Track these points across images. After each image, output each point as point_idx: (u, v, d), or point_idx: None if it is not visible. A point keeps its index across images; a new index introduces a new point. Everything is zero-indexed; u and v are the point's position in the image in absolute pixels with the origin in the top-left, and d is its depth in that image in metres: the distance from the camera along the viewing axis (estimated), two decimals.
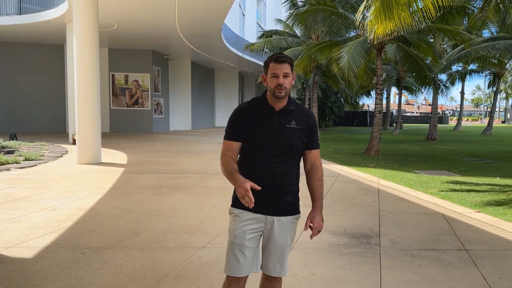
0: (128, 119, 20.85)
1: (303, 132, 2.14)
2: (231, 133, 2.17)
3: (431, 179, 8.36)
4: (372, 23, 7.84)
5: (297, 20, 14.87)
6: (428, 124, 22.06)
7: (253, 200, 1.92)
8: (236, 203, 2.13)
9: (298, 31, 20.43)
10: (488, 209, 5.81)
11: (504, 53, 13.30)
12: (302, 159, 2.24)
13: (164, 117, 22.65)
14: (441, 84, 28.51)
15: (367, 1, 8.33)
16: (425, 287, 3.17)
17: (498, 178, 8.72)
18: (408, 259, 3.75)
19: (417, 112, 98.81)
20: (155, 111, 21.49)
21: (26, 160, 9.80)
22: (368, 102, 73.90)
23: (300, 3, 17.93)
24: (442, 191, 7.14)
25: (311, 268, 3.47)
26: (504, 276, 3.42)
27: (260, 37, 21.65)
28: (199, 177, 7.94)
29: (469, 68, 29.98)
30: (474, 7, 11.68)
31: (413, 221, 5.14)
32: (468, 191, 7.21)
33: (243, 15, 30.72)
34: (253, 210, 2.07)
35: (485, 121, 47.10)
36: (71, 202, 5.74)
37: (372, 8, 7.69)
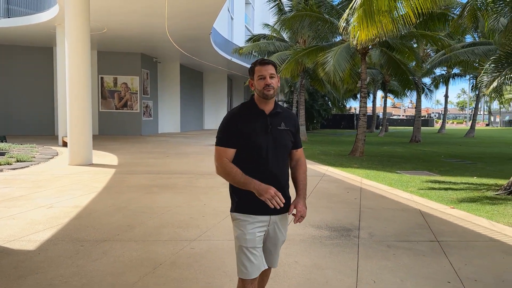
0: (117, 121, 20.99)
1: (291, 133, 2.27)
2: (225, 140, 2.20)
3: (411, 179, 8.75)
4: (355, 30, 8.21)
5: (284, 25, 15.23)
6: (412, 127, 22.61)
7: (283, 200, 2.11)
8: (240, 208, 2.21)
9: (285, 36, 20.83)
10: (462, 206, 6.20)
11: (483, 58, 13.85)
12: (289, 157, 2.36)
13: (153, 120, 22.82)
14: (425, 88, 29.26)
15: (350, 9, 8.70)
16: (398, 273, 3.50)
17: (475, 177, 9.15)
18: (384, 249, 4.09)
19: (403, 115, 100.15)
20: (144, 113, 21.66)
21: (17, 161, 9.94)
22: (355, 105, 74.68)
23: (287, 9, 18.32)
24: (421, 189, 7.53)
25: (295, 257, 3.78)
26: (469, 263, 3.78)
27: (248, 40, 22.02)
28: (188, 178, 8.20)
29: (452, 72, 30.77)
30: (454, 14, 12.18)
31: (391, 216, 5.49)
32: (446, 189, 7.61)
33: (232, 18, 31.05)
34: (259, 213, 2.18)
35: (470, 124, 48.14)
36: (66, 200, 5.97)
37: (355, 15, 8.06)
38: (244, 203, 2.20)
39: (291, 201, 2.29)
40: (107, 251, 3.84)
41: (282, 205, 2.09)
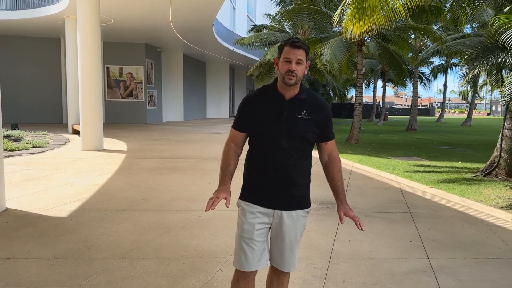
0: (122, 110, 21.66)
1: (315, 123, 2.02)
2: (237, 123, 2.11)
3: (400, 163, 9.44)
4: (348, 25, 8.82)
5: (284, 17, 15.78)
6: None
7: (209, 207, 1.94)
8: (244, 195, 2.09)
9: (287, 26, 21.35)
10: (440, 185, 6.89)
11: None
12: (318, 151, 2.15)
13: (157, 109, 23.49)
14: (424, 77, 29.75)
15: (343, 5, 9.29)
16: (370, 235, 4.21)
17: (459, 162, 9.82)
18: (362, 218, 4.79)
19: (405, 104, 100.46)
20: (148, 102, 22.33)
21: (34, 147, 10.66)
22: (354, 94, 75.02)
23: (287, 0, 18.84)
24: (407, 172, 8.22)
25: None
26: (432, 228, 4.48)
27: (250, 31, 22.52)
28: (194, 161, 8.91)
29: (451, 62, 31.20)
30: (447, 7, 12.72)
31: (374, 193, 6.20)
32: (429, 172, 8.30)
33: (234, 8, 31.46)
34: (261, 204, 2.04)
35: (476, 113, 48.61)
36: (85, 179, 6.69)
37: (348, 12, 8.66)
38: (248, 190, 2.08)
39: (340, 209, 2.16)
40: (127, 218, 4.56)
41: (208, 209, 1.95)
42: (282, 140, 1.98)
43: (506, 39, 4.85)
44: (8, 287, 2.87)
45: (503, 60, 5.66)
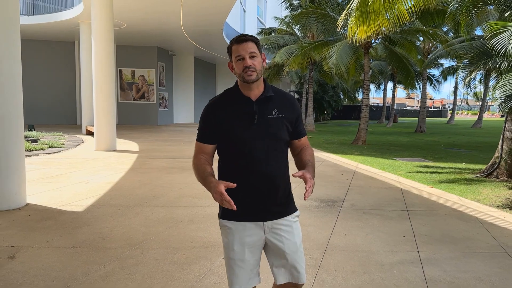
0: (134, 112, 22.15)
1: (287, 121, 1.88)
2: (202, 135, 1.93)
3: (404, 164, 9.63)
4: (353, 30, 9.07)
5: (292, 21, 16.06)
6: (427, 118, 23.27)
7: (232, 202, 1.67)
8: (225, 214, 1.88)
9: (296, 29, 21.64)
10: (441, 185, 7.09)
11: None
12: (290, 149, 2.01)
13: (168, 110, 23.94)
14: (433, 79, 29.73)
15: (347, 10, 9.54)
16: (365, 229, 4.47)
17: (463, 163, 9.98)
18: (360, 215, 5.05)
19: (416, 106, 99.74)
20: (160, 104, 22.78)
21: (50, 147, 11.11)
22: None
23: (296, 3, 19.11)
24: (409, 172, 8.43)
25: None
26: (426, 225, 4.72)
27: (259, 34, 22.83)
28: None
29: (462, 64, 31.10)
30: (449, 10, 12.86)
31: (374, 192, 6.44)
32: (432, 173, 8.49)
33: (244, 11, 31.82)
34: (248, 219, 1.85)
35: (485, 115, 48.23)
36: (99, 178, 7.06)
37: (352, 17, 8.91)
38: None
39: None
40: (139, 213, 4.89)
41: (234, 207, 1.67)
42: (258, 145, 1.81)
43: (495, 44, 5.06)
44: (33, 270, 3.21)
45: (499, 64, 5.86)
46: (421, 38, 18.48)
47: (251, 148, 1.82)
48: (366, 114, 13.89)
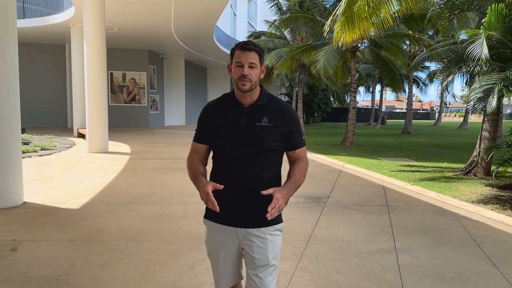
0: (125, 114, 22.27)
1: (277, 130, 1.85)
2: (197, 135, 1.99)
3: (388, 164, 9.99)
4: (339, 35, 9.40)
5: (281, 24, 16.41)
6: (414, 120, 23.78)
7: (215, 203, 1.72)
8: (207, 214, 1.96)
9: (286, 33, 22.01)
10: (421, 183, 7.44)
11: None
12: (288, 159, 2.00)
13: (159, 113, 24.11)
14: (420, 82, 30.32)
15: (333, 16, 9.88)
16: (347, 223, 4.77)
17: (445, 163, 10.37)
18: (342, 210, 5.35)
19: (405, 108, 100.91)
20: (151, 107, 22.94)
21: (42, 149, 11.26)
22: (357, 99, 75.72)
23: (285, 8, 19.48)
24: (393, 171, 8.77)
25: None
26: (404, 218, 5.03)
27: (249, 37, 23.14)
28: None
29: (439, 68, 31.79)
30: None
31: (358, 190, 6.75)
32: (414, 171, 8.85)
33: (235, 14, 32.14)
34: (223, 222, 1.89)
35: (472, 117, 49.28)
36: (93, 178, 7.27)
37: (338, 22, 9.24)
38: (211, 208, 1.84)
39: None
40: (133, 209, 5.14)
41: (217, 208, 1.73)
42: (242, 150, 1.83)
43: (470, 51, 5.41)
44: (35, 260, 3.44)
45: (472, 68, 6.23)
46: (408, 42, 18.95)
47: (234, 153, 1.84)
48: (353, 116, 14.25)
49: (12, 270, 3.24)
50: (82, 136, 15.39)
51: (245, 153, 1.84)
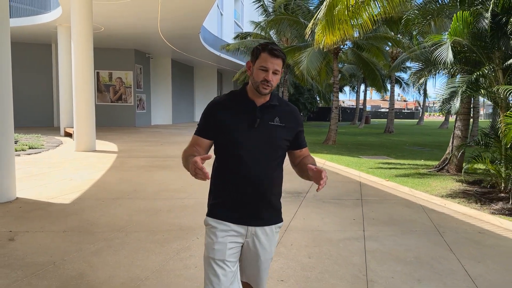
0: (112, 114, 22.35)
1: (287, 130, 1.91)
2: (202, 129, 1.94)
3: (368, 161, 10.42)
4: (320, 37, 9.78)
5: (267, 26, 16.77)
6: (399, 119, 24.34)
7: (204, 169, 1.61)
8: (213, 212, 1.91)
9: (272, 34, 22.37)
10: (396, 179, 7.86)
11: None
12: (290, 158, 2.04)
13: (146, 112, 24.24)
14: (402, 82, 31.01)
15: (314, 19, 10.26)
16: (322, 215, 5.13)
17: (422, 160, 10.85)
18: (320, 204, 5.72)
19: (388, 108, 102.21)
20: (137, 106, 23.07)
21: (30, 148, 11.41)
22: (342, 98, 76.57)
23: (270, 10, 19.83)
24: (371, 168, 9.19)
25: None
26: (375, 210, 5.42)
27: (235, 38, 23.44)
28: (180, 161, 9.69)
29: (411, 71, 32.60)
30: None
31: (335, 185, 7.14)
32: (391, 168, 9.28)
33: (221, 14, 32.38)
34: (234, 221, 1.87)
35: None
36: (82, 175, 7.51)
37: (319, 26, 9.61)
38: (218, 206, 1.91)
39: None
40: (121, 204, 5.42)
41: (207, 176, 1.64)
42: (255, 149, 1.84)
43: (436, 56, 5.83)
44: (32, 249, 3.72)
45: (438, 71, 6.68)
46: (390, 43, 19.49)
47: (247, 151, 1.84)
48: (336, 116, 14.69)
49: (11, 257, 3.52)
50: (69, 135, 15.50)
51: (256, 152, 1.85)
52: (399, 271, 3.44)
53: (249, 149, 1.84)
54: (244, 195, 1.86)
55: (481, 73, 5.66)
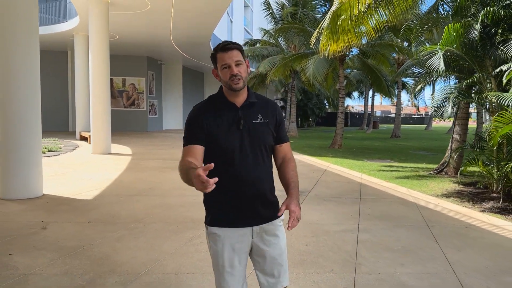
0: (125, 118, 23.05)
1: (271, 125, 1.93)
2: (191, 137, 1.88)
3: (371, 164, 10.82)
4: (324, 46, 10.26)
5: (275, 34, 17.31)
6: (408, 125, 24.58)
7: (210, 182, 1.46)
8: (213, 221, 1.92)
9: (280, 40, 22.95)
10: (396, 181, 8.27)
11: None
12: (272, 154, 2.02)
13: (157, 117, 24.92)
14: (410, 88, 31.22)
15: (319, 29, 10.75)
16: (322, 211, 5.58)
17: (424, 164, 11.21)
18: (320, 201, 6.17)
19: (400, 113, 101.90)
20: (149, 111, 23.75)
21: (49, 151, 12.04)
22: (351, 103, 76.78)
23: (278, 17, 20.40)
24: (373, 171, 9.60)
25: None
26: (372, 207, 5.85)
27: (244, 45, 24.04)
28: None
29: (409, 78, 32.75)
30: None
31: (337, 186, 7.58)
32: (392, 171, 9.68)
33: (231, 21, 33.06)
34: (237, 225, 1.88)
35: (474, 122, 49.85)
36: (100, 175, 8.06)
37: (324, 35, 10.09)
38: (220, 214, 1.90)
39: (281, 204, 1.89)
40: (138, 200, 5.94)
41: (211, 183, 1.46)
42: (244, 149, 1.86)
43: (430, 64, 6.27)
44: (62, 235, 4.24)
45: (434, 79, 7.09)
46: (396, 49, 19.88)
47: (237, 153, 1.84)
48: (341, 120, 15.12)
49: (45, 242, 4.04)
50: (84, 139, 16.15)
51: (247, 152, 1.86)
52: (385, 257, 3.88)
53: (238, 151, 1.85)
54: (239, 197, 1.87)
55: (470, 80, 6.07)
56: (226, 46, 1.83)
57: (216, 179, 1.48)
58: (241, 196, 1.87)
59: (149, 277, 3.26)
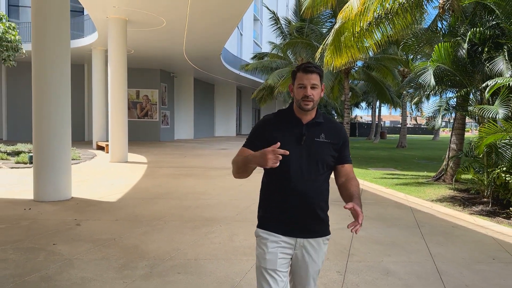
0: (138, 129, 23.89)
1: (332, 147, 2.01)
2: (251, 142, 2.02)
3: (374, 172, 11.36)
4: (329, 61, 10.91)
5: (284, 48, 18.04)
6: (417, 135, 24.99)
7: (281, 152, 1.69)
8: (264, 224, 2.01)
9: (289, 53, 23.70)
10: (395, 187, 8.81)
11: None
12: (334, 174, 2.12)
13: (170, 127, 25.74)
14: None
15: (323, 45, 11.42)
16: None
17: (425, 172, 11.72)
18: None
19: (409, 124, 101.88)
20: (162, 122, 24.58)
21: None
22: (360, 114, 77.12)
23: (286, 31, 21.17)
24: (375, 178, 10.15)
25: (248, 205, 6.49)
26: (369, 210, 6.42)
27: (253, 57, 24.82)
28: (203, 170, 10.95)
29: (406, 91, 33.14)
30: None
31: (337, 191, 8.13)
32: (393, 178, 10.22)
33: (241, 34, 34.00)
34: (284, 233, 1.96)
35: (475, 132, 50.09)
36: (120, 182, 8.75)
37: (328, 51, 10.76)
38: (267, 219, 2.01)
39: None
40: (157, 202, 6.59)
41: (287, 152, 1.71)
42: (303, 164, 1.94)
43: (422, 79, 6.86)
44: (95, 230, 4.90)
45: (428, 93, 7.69)
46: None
47: (295, 167, 1.92)
48: (346, 131, 15.69)
49: (81, 235, 4.70)
50: (101, 148, 16.95)
51: (304, 167, 1.94)
52: (375, 249, 4.46)
53: (296, 165, 1.93)
54: (292, 209, 1.95)
55: (459, 94, 6.65)
56: (308, 69, 1.94)
57: (287, 152, 1.71)
58: (291, 208, 1.95)
59: (173, 262, 3.89)
